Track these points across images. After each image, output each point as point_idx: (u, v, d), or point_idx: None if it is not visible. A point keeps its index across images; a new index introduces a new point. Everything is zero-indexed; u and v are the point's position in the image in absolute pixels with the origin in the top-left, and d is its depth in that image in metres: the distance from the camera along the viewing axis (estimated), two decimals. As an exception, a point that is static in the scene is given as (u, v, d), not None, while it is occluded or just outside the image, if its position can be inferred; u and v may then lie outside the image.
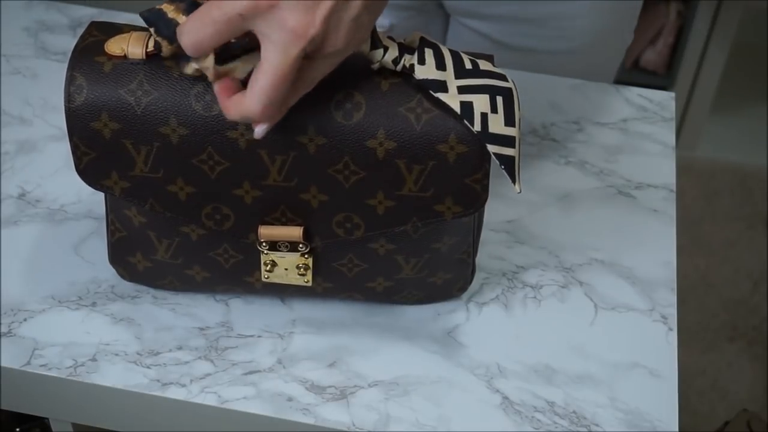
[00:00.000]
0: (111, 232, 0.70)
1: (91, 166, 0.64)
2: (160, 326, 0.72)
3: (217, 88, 0.58)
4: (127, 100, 0.61)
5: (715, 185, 2.15)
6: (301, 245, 0.67)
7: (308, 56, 0.55)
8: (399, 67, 0.61)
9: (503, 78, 0.62)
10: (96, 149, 0.63)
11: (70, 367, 0.69)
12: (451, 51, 0.62)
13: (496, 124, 0.61)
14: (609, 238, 0.81)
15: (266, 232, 0.66)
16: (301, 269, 0.68)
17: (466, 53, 0.63)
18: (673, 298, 0.77)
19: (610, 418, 0.68)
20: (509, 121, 0.61)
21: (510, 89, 0.61)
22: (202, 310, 0.74)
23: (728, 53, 2.07)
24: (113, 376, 0.69)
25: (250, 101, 0.55)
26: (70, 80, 0.61)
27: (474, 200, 0.64)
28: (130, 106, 0.61)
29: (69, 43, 0.98)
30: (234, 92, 0.57)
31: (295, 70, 0.55)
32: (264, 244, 0.66)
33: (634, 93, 0.98)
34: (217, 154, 0.62)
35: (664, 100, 0.97)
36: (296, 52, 0.54)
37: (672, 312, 0.76)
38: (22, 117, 0.90)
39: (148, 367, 0.69)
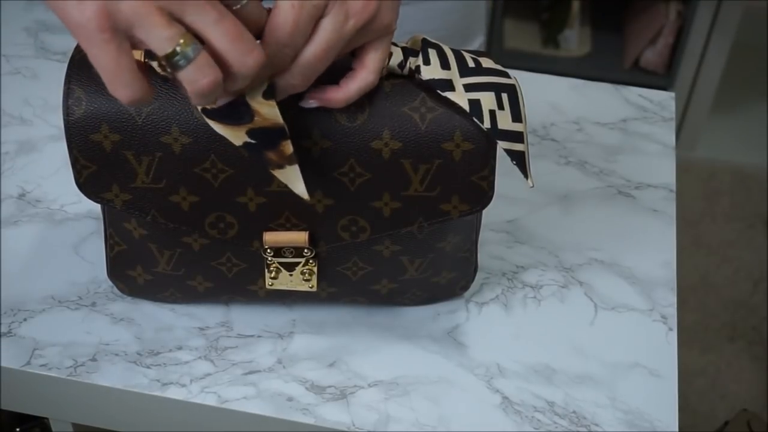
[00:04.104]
0: (110, 246, 0.70)
1: (91, 179, 0.63)
2: (160, 326, 0.72)
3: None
4: (128, 110, 0.60)
5: (715, 185, 2.15)
6: (306, 250, 0.66)
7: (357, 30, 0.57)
8: (405, 71, 0.61)
9: (506, 75, 0.62)
10: (96, 162, 0.62)
11: (70, 367, 0.69)
12: (453, 50, 0.62)
13: (504, 121, 0.61)
14: (609, 238, 0.81)
15: (271, 238, 0.65)
16: (306, 274, 0.68)
17: (467, 51, 0.63)
18: (673, 298, 0.77)
19: (610, 418, 0.68)
20: (516, 117, 0.61)
21: (513, 86, 0.62)
22: (202, 310, 0.74)
23: (728, 53, 2.07)
24: (113, 376, 0.69)
25: (292, 73, 0.56)
26: (68, 93, 0.61)
27: (480, 198, 0.64)
28: (130, 116, 0.60)
29: (69, 43, 0.98)
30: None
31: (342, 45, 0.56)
32: (269, 250, 0.66)
33: (634, 93, 0.98)
34: (220, 161, 0.62)
35: (664, 100, 0.97)
36: (352, 30, 0.55)
37: (672, 312, 0.76)
38: (22, 117, 0.90)
39: (148, 367, 0.69)
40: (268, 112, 0.55)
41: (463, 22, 0.97)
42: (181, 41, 0.49)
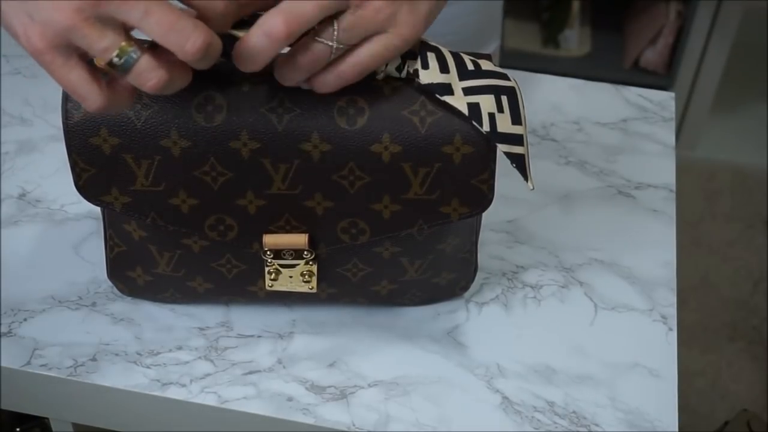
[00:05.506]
0: (110, 247, 0.70)
1: (90, 182, 0.63)
2: (160, 326, 0.72)
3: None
4: (127, 113, 0.60)
5: (715, 185, 2.15)
6: (306, 252, 0.66)
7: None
8: (403, 74, 0.61)
9: (505, 77, 0.62)
10: (95, 165, 0.62)
11: (70, 367, 0.69)
12: (452, 53, 0.62)
13: (504, 124, 0.61)
14: (609, 238, 0.81)
15: (271, 240, 0.65)
16: (306, 276, 0.68)
17: (466, 54, 0.63)
18: (673, 298, 0.77)
19: (610, 418, 0.68)
20: (515, 119, 0.61)
21: (513, 88, 0.61)
22: (202, 310, 0.74)
23: (728, 53, 2.07)
24: (113, 376, 0.69)
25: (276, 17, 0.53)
26: (66, 97, 0.61)
27: (480, 200, 0.64)
28: (129, 120, 0.60)
29: (69, 43, 0.98)
30: None
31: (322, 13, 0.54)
32: (268, 252, 0.66)
33: (634, 93, 0.98)
34: (219, 164, 0.61)
35: (664, 100, 0.97)
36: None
37: (672, 312, 0.76)
38: (22, 117, 0.90)
39: (148, 367, 0.69)
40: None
41: (477, 26, 0.96)
42: (121, 46, 0.49)
